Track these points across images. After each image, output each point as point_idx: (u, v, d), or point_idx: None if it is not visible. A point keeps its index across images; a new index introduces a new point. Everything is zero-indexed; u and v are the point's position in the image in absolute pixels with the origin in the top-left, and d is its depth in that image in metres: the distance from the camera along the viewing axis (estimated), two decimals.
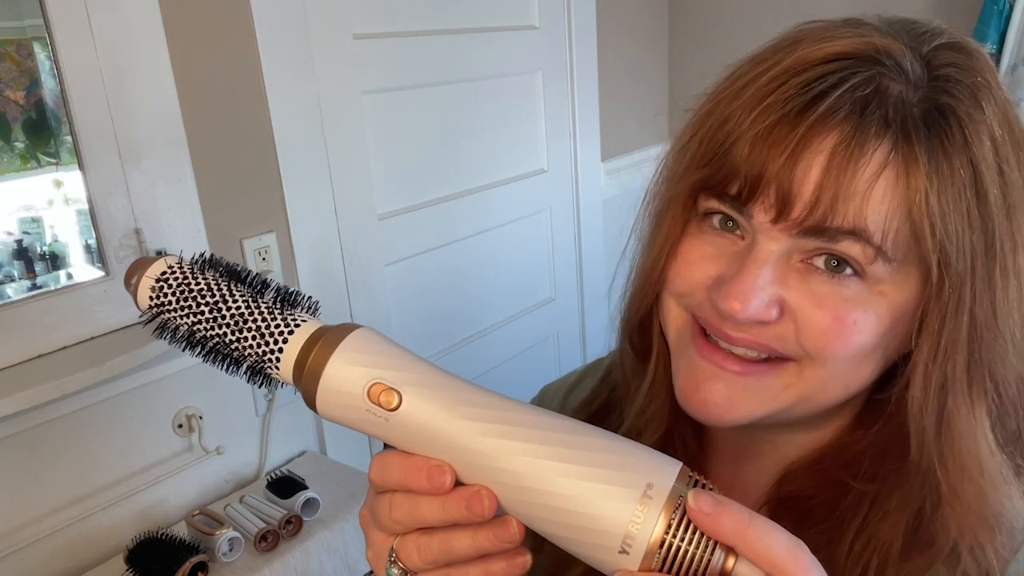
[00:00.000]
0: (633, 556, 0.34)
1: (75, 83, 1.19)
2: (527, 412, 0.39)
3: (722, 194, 0.46)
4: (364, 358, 0.39)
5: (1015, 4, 1.76)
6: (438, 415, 0.38)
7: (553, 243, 2.22)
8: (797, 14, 0.52)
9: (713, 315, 0.47)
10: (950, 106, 0.43)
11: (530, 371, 2.21)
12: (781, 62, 0.46)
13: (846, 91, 0.43)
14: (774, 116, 0.44)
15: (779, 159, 0.43)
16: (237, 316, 0.40)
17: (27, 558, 1.22)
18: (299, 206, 1.53)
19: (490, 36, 1.90)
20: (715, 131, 0.47)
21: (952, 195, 0.42)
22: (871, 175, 0.42)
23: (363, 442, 1.76)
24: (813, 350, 0.45)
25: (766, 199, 0.44)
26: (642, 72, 2.44)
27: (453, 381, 0.40)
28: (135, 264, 0.42)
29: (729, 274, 0.46)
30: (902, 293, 0.45)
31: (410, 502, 0.39)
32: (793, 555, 0.34)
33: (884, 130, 0.42)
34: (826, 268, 0.44)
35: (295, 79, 1.49)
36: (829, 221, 0.43)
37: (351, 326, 0.40)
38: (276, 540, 1.31)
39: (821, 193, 0.42)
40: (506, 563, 0.39)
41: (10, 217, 1.24)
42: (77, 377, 1.17)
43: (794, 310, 0.45)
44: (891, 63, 0.44)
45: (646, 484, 0.35)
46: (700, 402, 0.48)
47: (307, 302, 0.42)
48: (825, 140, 0.43)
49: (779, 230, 0.44)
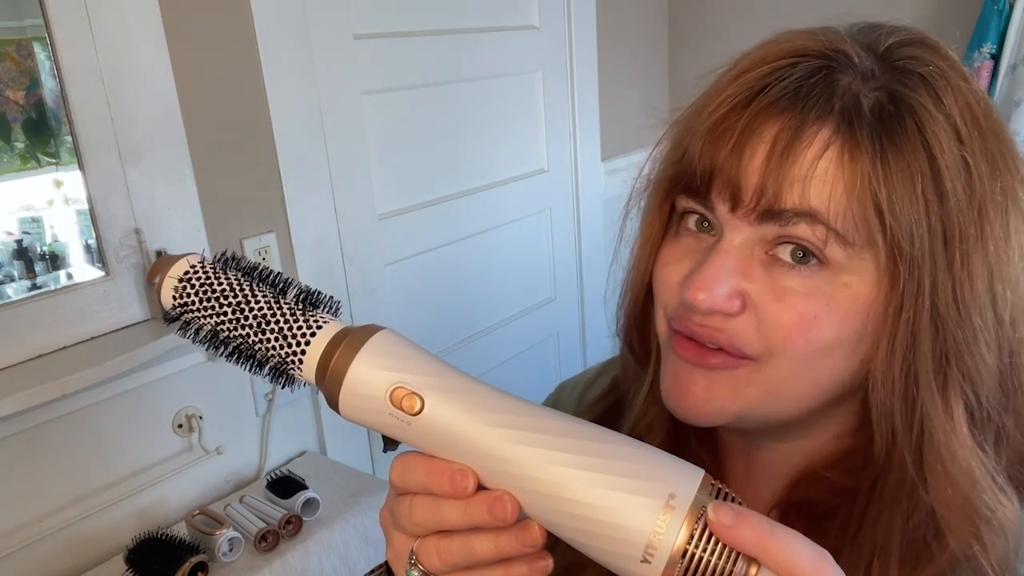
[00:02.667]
0: (655, 565, 0.34)
1: (75, 83, 1.19)
2: (550, 418, 0.39)
3: (688, 189, 0.48)
4: (387, 362, 0.39)
5: (1015, 4, 1.76)
6: (461, 420, 0.38)
7: (553, 243, 2.22)
8: (796, 11, 0.53)
9: (682, 311, 0.48)
10: (902, 95, 0.44)
11: (530, 371, 2.21)
12: (740, 63, 0.48)
13: (791, 82, 0.44)
14: (724, 109, 0.46)
15: (726, 149, 0.45)
16: (260, 317, 0.40)
17: (27, 558, 1.22)
18: (299, 206, 1.53)
19: (490, 36, 1.90)
20: (681, 132, 0.49)
21: (902, 181, 0.42)
22: (811, 159, 0.43)
23: (363, 442, 1.76)
24: (774, 344, 0.46)
25: (721, 190, 0.45)
26: (642, 72, 2.44)
27: (476, 386, 0.40)
28: (158, 263, 0.42)
29: (695, 267, 0.47)
30: (864, 283, 0.44)
31: (432, 505, 0.39)
32: (816, 565, 0.34)
33: (825, 116, 0.43)
34: (792, 259, 0.45)
35: (295, 79, 1.49)
36: (777, 204, 0.44)
37: (373, 328, 0.40)
38: (276, 540, 1.31)
39: (766, 178, 0.44)
40: (528, 567, 0.39)
41: (10, 217, 1.24)
42: (77, 377, 1.17)
43: (755, 304, 0.46)
44: (841, 57, 0.45)
45: (668, 494, 0.35)
46: (680, 395, 0.49)
47: (329, 302, 0.42)
48: (768, 129, 0.44)
49: (739, 219, 0.46)
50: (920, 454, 0.45)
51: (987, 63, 1.79)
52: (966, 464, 0.44)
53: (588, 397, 0.68)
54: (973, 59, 1.80)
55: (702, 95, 0.49)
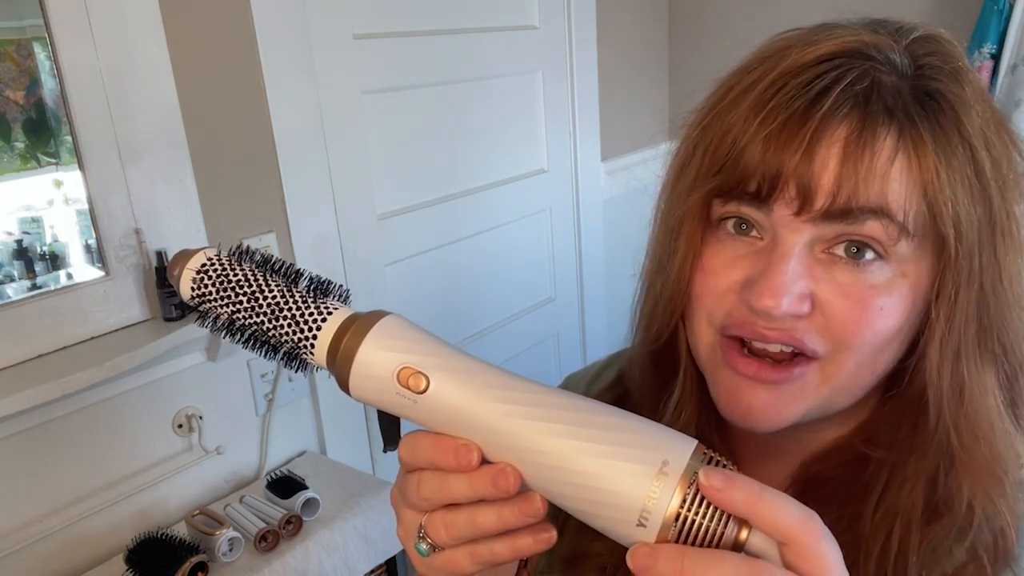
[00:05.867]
0: (650, 529, 0.36)
1: (75, 83, 1.19)
2: (550, 394, 0.41)
3: (741, 195, 0.48)
4: (393, 343, 0.41)
5: (1015, 4, 1.76)
6: (464, 397, 0.40)
7: (553, 243, 2.22)
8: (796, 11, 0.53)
9: (747, 316, 0.48)
10: (939, 90, 0.46)
11: (530, 371, 2.19)
12: (775, 68, 0.48)
13: (845, 87, 0.45)
14: (782, 117, 0.46)
15: (795, 156, 0.45)
16: (273, 305, 0.43)
17: (27, 558, 1.22)
18: (299, 206, 1.53)
19: (490, 36, 1.90)
20: (719, 141, 0.49)
21: (957, 171, 0.45)
22: (886, 159, 0.45)
23: (363, 442, 1.76)
24: (843, 340, 0.47)
25: (787, 194, 0.46)
26: (642, 72, 2.44)
27: (479, 365, 0.42)
28: (177, 256, 0.45)
29: (757, 272, 0.47)
30: (921, 271, 0.47)
31: (438, 479, 0.41)
32: (804, 524, 0.35)
33: (889, 118, 0.45)
34: (847, 255, 0.46)
35: (295, 79, 1.49)
36: (854, 203, 0.45)
37: (381, 313, 0.43)
38: (276, 540, 1.31)
39: (842, 181, 0.45)
40: (532, 538, 0.41)
41: (10, 217, 1.24)
42: (77, 377, 1.17)
43: (822, 302, 0.47)
44: (881, 57, 0.47)
45: (662, 461, 0.37)
46: (745, 411, 0.50)
47: (339, 291, 0.44)
48: (836, 133, 0.45)
49: (802, 221, 0.46)
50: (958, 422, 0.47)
51: (987, 63, 1.79)
52: (999, 426, 0.48)
53: (594, 389, 0.69)
54: (973, 59, 1.80)
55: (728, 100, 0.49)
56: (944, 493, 0.48)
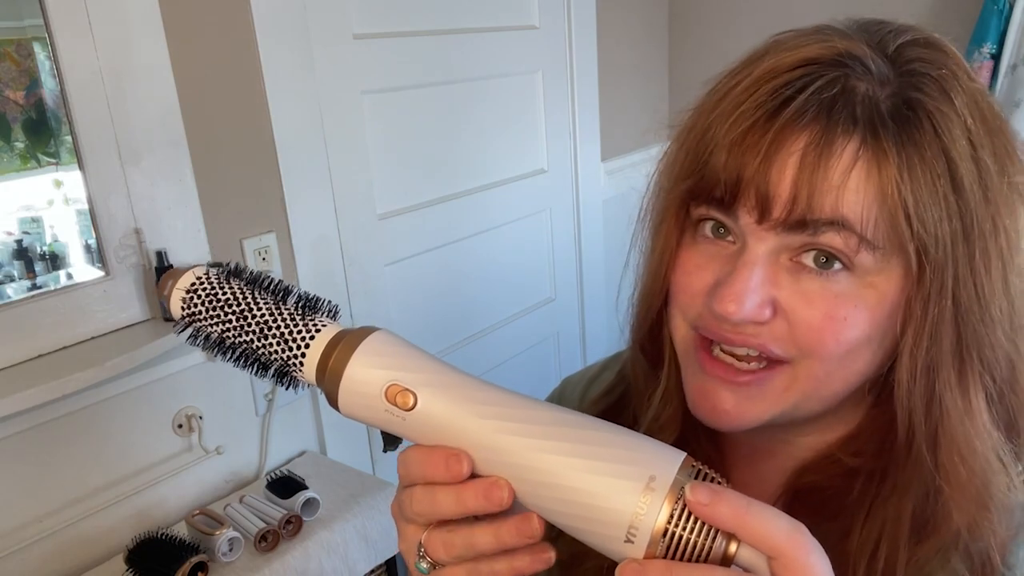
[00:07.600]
0: (638, 544, 0.36)
1: (75, 83, 1.19)
2: (538, 409, 0.41)
3: (709, 199, 0.48)
4: (381, 360, 0.41)
5: (1015, 4, 1.76)
6: (452, 414, 0.40)
7: (553, 243, 2.22)
8: (796, 11, 0.53)
9: (712, 320, 0.48)
10: (918, 100, 0.45)
11: (530, 371, 2.21)
12: (752, 72, 0.48)
13: (812, 93, 0.45)
14: (747, 123, 0.46)
15: (754, 163, 0.45)
16: (262, 323, 0.43)
17: (27, 558, 1.22)
18: (299, 206, 1.53)
19: (490, 36, 1.90)
20: (697, 142, 0.49)
21: (926, 185, 0.44)
22: (843, 170, 0.44)
23: (363, 442, 1.76)
24: (806, 347, 0.47)
25: (747, 201, 0.46)
26: (642, 72, 2.44)
27: (467, 380, 0.42)
28: (167, 276, 0.45)
29: (723, 277, 0.47)
30: (890, 284, 0.46)
31: (429, 494, 0.41)
32: (792, 538, 0.35)
33: (852, 127, 0.44)
34: (815, 265, 0.46)
35: (295, 79, 1.49)
36: (809, 215, 0.44)
37: (369, 329, 0.43)
38: (276, 540, 1.31)
39: (797, 191, 0.44)
40: (531, 558, 0.41)
41: (10, 217, 1.24)
42: (77, 377, 1.17)
43: (786, 309, 0.47)
44: (855, 64, 0.46)
45: (649, 476, 0.37)
46: (711, 410, 0.50)
47: (327, 307, 0.44)
48: (796, 142, 0.45)
49: (765, 230, 0.46)
50: (935, 440, 0.46)
51: (987, 63, 1.79)
52: (981, 447, 0.46)
53: (591, 393, 0.69)
54: (973, 59, 1.80)
55: (711, 102, 0.49)
56: (931, 512, 0.47)
